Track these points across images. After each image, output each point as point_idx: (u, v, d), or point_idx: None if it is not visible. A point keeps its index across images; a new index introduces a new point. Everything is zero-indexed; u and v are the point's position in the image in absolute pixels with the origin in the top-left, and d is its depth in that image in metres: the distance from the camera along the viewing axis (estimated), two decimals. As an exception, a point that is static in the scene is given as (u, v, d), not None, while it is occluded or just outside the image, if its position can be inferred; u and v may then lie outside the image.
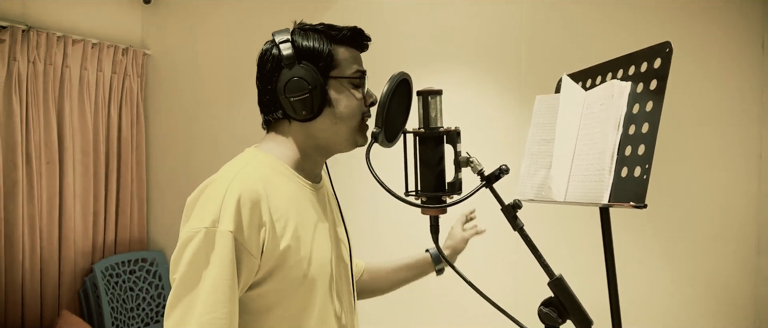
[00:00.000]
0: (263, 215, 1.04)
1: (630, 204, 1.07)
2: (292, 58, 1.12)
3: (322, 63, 1.14)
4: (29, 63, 3.03)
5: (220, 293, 0.98)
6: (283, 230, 1.07)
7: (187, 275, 0.99)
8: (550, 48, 2.94)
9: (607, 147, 1.17)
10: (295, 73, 1.11)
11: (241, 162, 1.14)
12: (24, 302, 3.06)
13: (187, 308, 0.98)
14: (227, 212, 1.00)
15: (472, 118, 3.10)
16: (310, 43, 1.14)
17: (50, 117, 3.15)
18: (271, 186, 1.09)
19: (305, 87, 1.12)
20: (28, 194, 3.05)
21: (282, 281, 1.07)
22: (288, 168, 1.17)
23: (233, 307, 1.01)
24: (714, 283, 2.72)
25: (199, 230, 1.00)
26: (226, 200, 1.01)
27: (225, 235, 0.99)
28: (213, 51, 3.75)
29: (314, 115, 1.14)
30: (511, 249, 2.94)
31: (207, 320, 0.97)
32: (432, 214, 1.11)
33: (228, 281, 0.99)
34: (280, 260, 1.06)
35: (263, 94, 1.19)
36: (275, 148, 1.19)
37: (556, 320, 1.03)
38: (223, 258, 0.99)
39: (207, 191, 1.05)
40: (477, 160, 1.08)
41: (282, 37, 1.15)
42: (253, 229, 1.02)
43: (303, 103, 1.12)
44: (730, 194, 2.69)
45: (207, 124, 3.77)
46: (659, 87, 1.11)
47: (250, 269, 1.03)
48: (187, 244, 1.01)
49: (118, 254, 3.59)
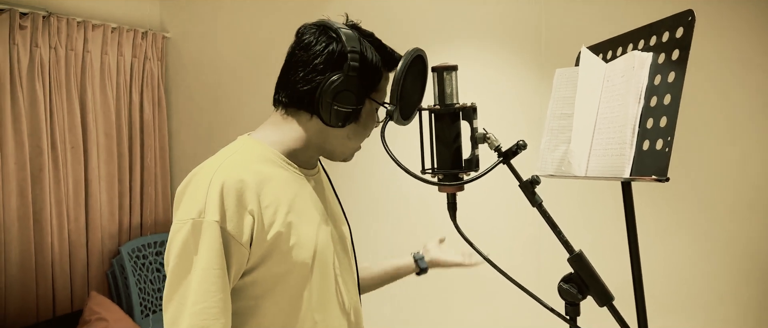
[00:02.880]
0: (250, 204, 1.03)
1: (652, 177, 1.04)
2: (356, 70, 1.11)
3: (368, 80, 1.14)
4: (51, 49, 3.06)
5: (209, 283, 0.99)
6: (273, 216, 1.07)
7: (177, 266, 1.01)
8: (570, 20, 2.89)
9: (629, 120, 1.15)
10: (349, 87, 1.11)
11: (229, 151, 1.13)
12: (54, 285, 3.13)
13: (182, 298, 1.00)
14: (212, 202, 1.00)
15: (490, 93, 3.07)
16: (373, 61, 1.14)
17: (73, 102, 3.19)
18: (259, 174, 1.08)
19: (352, 103, 1.12)
20: (54, 178, 3.10)
21: (276, 267, 1.07)
22: (279, 155, 1.16)
23: (225, 295, 1.01)
24: (738, 254, 2.67)
25: (186, 221, 1.01)
26: (210, 190, 1.01)
27: (211, 225, 0.99)
28: (232, 32, 3.75)
29: (342, 126, 1.14)
30: (532, 225, 2.92)
31: (199, 309, 0.98)
32: (449, 191, 1.10)
33: (217, 270, 0.99)
34: (271, 246, 1.06)
35: (298, 82, 1.13)
36: (272, 135, 1.18)
37: (576, 296, 1.02)
38: (210, 248, 0.99)
39: (193, 182, 1.06)
40: (494, 136, 1.06)
41: (353, 43, 1.11)
42: (239, 218, 1.02)
43: (339, 115, 1.12)
44: (751, 165, 2.63)
45: (228, 105, 3.79)
46: (681, 57, 1.08)
47: (239, 257, 1.03)
48: (175, 235, 1.02)
49: (145, 236, 3.65)
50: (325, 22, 1.16)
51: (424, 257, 1.62)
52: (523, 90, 3.02)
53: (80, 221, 3.27)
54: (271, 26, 3.44)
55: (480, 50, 3.10)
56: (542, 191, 1.07)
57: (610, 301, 1.00)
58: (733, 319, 2.70)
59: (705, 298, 2.74)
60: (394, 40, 1.32)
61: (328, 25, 1.15)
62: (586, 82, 1.30)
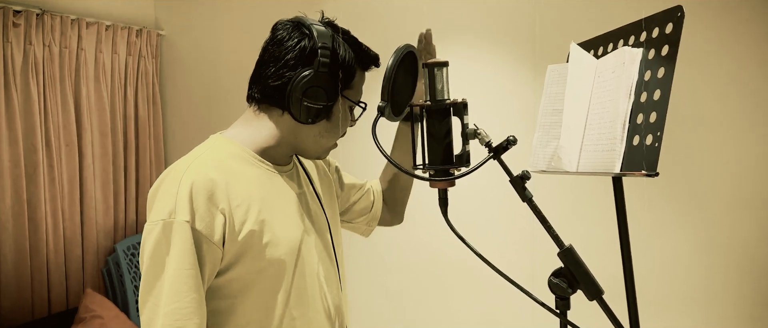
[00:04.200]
0: (220, 203, 1.04)
1: (642, 173, 1.05)
2: (326, 66, 1.10)
3: (340, 77, 1.13)
4: (45, 47, 3.06)
5: (182, 283, 0.99)
6: (245, 215, 1.07)
7: (150, 268, 1.01)
8: (565, 16, 2.89)
9: (619, 115, 1.16)
10: (320, 83, 1.10)
11: (200, 150, 1.14)
12: (49, 282, 3.13)
13: (156, 299, 1.00)
14: (182, 202, 1.00)
15: (485, 90, 3.07)
16: (345, 57, 1.14)
17: (67, 100, 3.19)
18: (229, 172, 1.09)
19: (323, 99, 1.11)
20: (49, 176, 3.10)
21: (251, 265, 1.08)
22: (250, 153, 1.16)
23: (198, 295, 1.01)
24: (733, 250, 2.68)
25: (157, 222, 1.01)
26: (180, 190, 1.01)
27: (182, 225, 0.99)
28: (227, 29, 3.75)
29: (312, 122, 1.14)
30: (527, 221, 2.93)
31: (172, 309, 0.99)
32: (440, 187, 1.11)
33: (189, 270, 1.00)
34: (244, 245, 1.06)
35: (270, 77, 1.14)
36: (243, 132, 1.18)
37: (566, 290, 1.03)
38: (182, 248, 0.99)
39: (164, 183, 1.06)
40: (484, 132, 1.07)
41: (325, 40, 1.11)
42: (210, 217, 1.02)
43: (309, 111, 1.12)
44: (747, 161, 2.64)
45: (223, 103, 3.79)
46: (671, 53, 1.09)
47: (212, 257, 1.03)
48: (147, 237, 1.02)
49: (140, 233, 3.64)
50: (299, 18, 1.16)
51: None
52: (518, 86, 3.02)
53: (75, 218, 3.27)
54: (266, 23, 3.40)
55: (474, 47, 3.11)
56: (538, 186, 1.08)
57: (600, 295, 1.01)
58: (729, 316, 2.72)
59: (700, 295, 2.75)
60: (388, 36, 1.33)
61: (301, 21, 1.15)
62: (576, 79, 1.31)
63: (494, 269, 1.06)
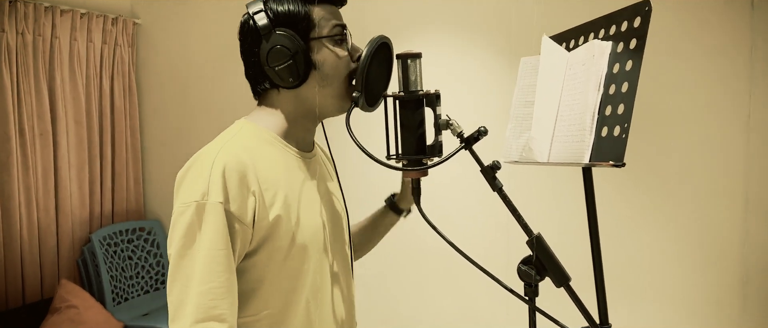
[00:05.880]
0: (251, 185, 1.05)
1: (609, 163, 1.08)
2: (268, 28, 1.11)
3: (300, 26, 1.12)
4: (18, 34, 3.01)
5: (215, 264, 1.00)
6: (273, 198, 1.08)
7: (182, 248, 1.01)
8: (541, 8, 2.92)
9: (588, 107, 1.18)
10: (275, 42, 1.10)
11: (228, 134, 1.13)
12: (23, 273, 3.10)
13: (186, 280, 1.00)
14: (215, 184, 1.01)
15: (461, 81, 3.10)
16: (284, 8, 1.13)
17: (41, 88, 3.15)
18: (257, 156, 1.09)
19: (287, 54, 1.10)
20: (22, 165, 3.06)
21: (274, 249, 1.08)
22: (276, 137, 1.17)
23: (231, 276, 1.02)
24: (703, 241, 2.75)
25: (189, 204, 1.01)
26: (213, 172, 1.02)
27: (215, 206, 1.00)
28: (204, 18, 3.72)
29: (301, 80, 1.13)
30: (503, 210, 2.96)
31: (205, 289, 0.99)
32: (413, 176, 1.13)
33: (223, 250, 1.00)
34: (271, 229, 1.07)
35: (249, 67, 1.18)
36: (264, 119, 1.19)
37: (534, 277, 1.06)
38: (215, 229, 1.00)
39: (194, 166, 1.06)
40: (457, 123, 1.09)
41: (255, 7, 1.13)
42: (242, 198, 1.03)
43: (288, 71, 1.11)
44: (719, 153, 2.70)
45: (200, 92, 3.77)
46: (638, 45, 1.11)
47: (243, 238, 1.04)
48: (179, 218, 1.02)
49: (116, 224, 3.62)
50: None
51: (393, 195, 1.56)
52: (494, 78, 3.05)
53: (50, 208, 3.23)
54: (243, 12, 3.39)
55: (451, 39, 3.13)
56: (519, 177, 1.10)
57: (567, 282, 1.04)
58: (698, 304, 2.78)
59: (671, 285, 2.82)
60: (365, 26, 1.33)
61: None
62: (547, 71, 1.33)
63: (464, 256, 1.09)
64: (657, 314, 2.84)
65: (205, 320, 0.99)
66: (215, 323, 0.99)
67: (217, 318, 0.99)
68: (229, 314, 1.01)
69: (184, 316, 0.99)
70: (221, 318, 1.00)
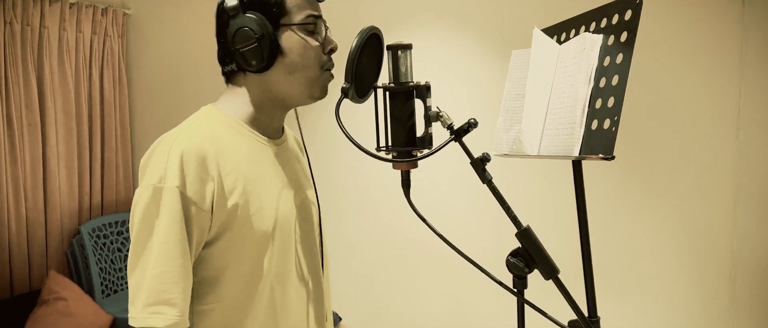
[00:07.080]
0: (210, 170, 1.05)
1: (599, 156, 1.08)
2: (237, 8, 1.10)
3: (271, 11, 1.12)
4: (6, 24, 2.98)
5: (170, 247, 1.00)
6: (233, 185, 1.08)
7: (140, 232, 1.02)
8: (533, 1, 2.92)
9: (579, 100, 1.18)
10: (241, 23, 1.10)
11: (192, 120, 1.14)
12: (12, 264, 3.08)
13: (144, 263, 1.01)
14: (172, 168, 1.01)
15: (454, 74, 3.09)
16: None
17: (30, 79, 3.12)
18: (220, 141, 1.09)
19: (252, 36, 1.10)
20: (10, 156, 3.04)
21: (235, 236, 1.08)
22: (241, 123, 1.17)
23: (185, 261, 1.02)
24: (692, 235, 2.76)
25: (147, 187, 1.02)
26: (170, 156, 1.02)
27: (171, 190, 1.00)
28: (194, 8, 3.69)
29: (266, 65, 1.13)
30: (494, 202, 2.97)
31: (158, 273, 1.00)
32: (403, 168, 1.12)
33: (178, 234, 1.01)
34: (231, 216, 1.07)
35: (219, 47, 1.18)
36: (230, 103, 1.19)
37: (522, 269, 1.06)
38: (171, 213, 1.00)
39: (156, 150, 1.06)
40: (447, 115, 1.08)
41: None
42: (200, 183, 1.03)
43: (253, 53, 1.11)
44: (709, 149, 2.71)
45: (190, 83, 3.74)
46: (629, 38, 1.11)
47: (201, 223, 1.04)
48: (137, 202, 1.03)
49: (105, 216, 3.60)
50: None
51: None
52: (486, 71, 3.05)
53: (38, 199, 3.21)
54: (235, 4, 3.37)
55: (444, 31, 3.12)
56: (512, 170, 1.09)
57: (555, 274, 1.04)
58: (685, 297, 2.80)
59: (659, 278, 2.83)
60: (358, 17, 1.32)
61: None
62: (538, 64, 1.33)
63: (454, 248, 1.09)
64: (646, 308, 2.85)
65: (156, 303, 1.00)
66: (166, 307, 1.00)
67: (168, 302, 1.00)
68: (180, 298, 1.02)
69: (138, 299, 1.00)
70: (172, 303, 1.00)
